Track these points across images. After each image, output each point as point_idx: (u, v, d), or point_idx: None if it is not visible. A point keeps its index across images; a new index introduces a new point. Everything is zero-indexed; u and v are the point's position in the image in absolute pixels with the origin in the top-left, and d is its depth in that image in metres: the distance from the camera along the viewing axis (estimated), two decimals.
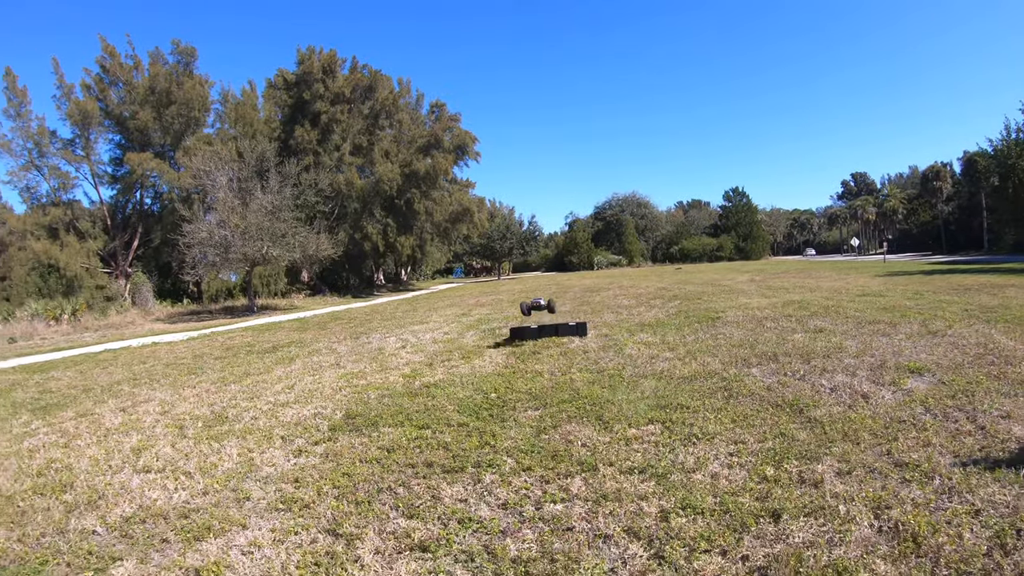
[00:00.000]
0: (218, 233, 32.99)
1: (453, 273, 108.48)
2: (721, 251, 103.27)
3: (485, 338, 14.04)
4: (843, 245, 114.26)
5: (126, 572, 4.15)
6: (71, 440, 7.80)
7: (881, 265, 42.10)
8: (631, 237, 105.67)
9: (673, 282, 30.77)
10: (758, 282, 26.22)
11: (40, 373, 14.15)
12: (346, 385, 9.63)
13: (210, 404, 9.18)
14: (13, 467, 6.83)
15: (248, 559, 4.19)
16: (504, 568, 3.78)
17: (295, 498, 5.09)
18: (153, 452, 6.87)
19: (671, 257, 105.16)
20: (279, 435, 7.06)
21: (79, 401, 10.47)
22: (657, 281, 32.99)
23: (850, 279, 25.20)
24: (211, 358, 14.51)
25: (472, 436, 6.40)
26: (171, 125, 45.57)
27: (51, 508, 5.41)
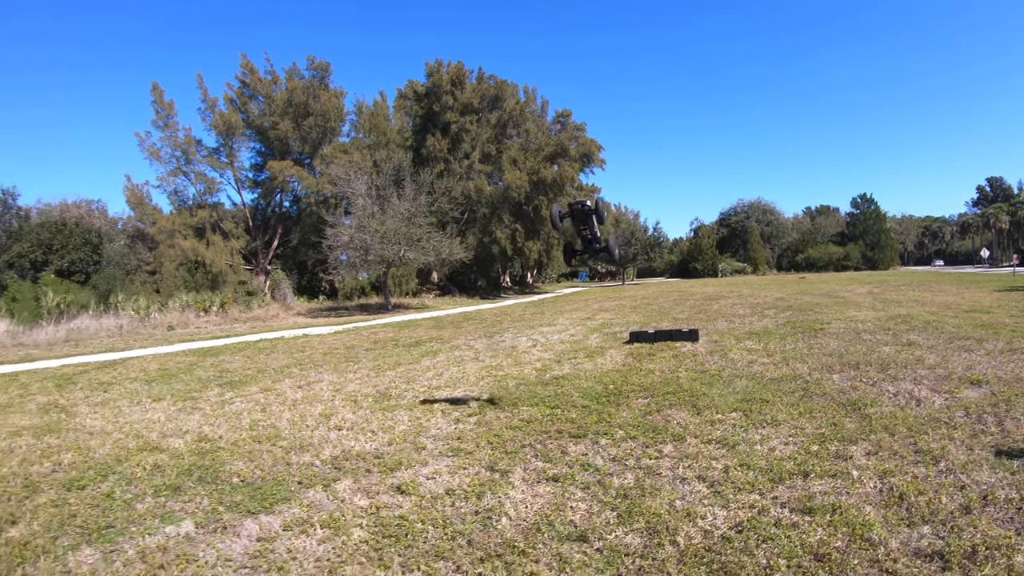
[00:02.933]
0: (358, 237, 35.65)
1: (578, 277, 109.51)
2: (847, 260, 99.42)
3: (607, 340, 15.72)
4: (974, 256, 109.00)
5: (346, 487, 6.06)
6: (266, 407, 9.98)
7: (1008, 278, 41.14)
8: (756, 244, 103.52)
9: (792, 292, 31.51)
10: (875, 294, 26.79)
11: (211, 356, 16.64)
12: (487, 375, 11.54)
13: (374, 385, 11.26)
14: (227, 424, 9.00)
15: (432, 482, 6.05)
16: (610, 493, 5.51)
17: (459, 449, 6.99)
18: (339, 417, 8.92)
19: (796, 266, 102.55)
20: (439, 409, 9.02)
21: (258, 379, 12.74)
22: (777, 291, 33.73)
23: (967, 293, 25.56)
24: (362, 349, 16.68)
25: (592, 415, 8.17)
26: (309, 135, 49.03)
27: (271, 450, 7.46)
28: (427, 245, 37.27)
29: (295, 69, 50.71)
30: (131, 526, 5.45)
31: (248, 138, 51.05)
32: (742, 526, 4.74)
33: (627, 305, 29.41)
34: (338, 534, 5.00)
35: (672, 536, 4.62)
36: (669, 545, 4.50)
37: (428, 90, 55.75)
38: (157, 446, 7.91)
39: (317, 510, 5.50)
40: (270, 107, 49.56)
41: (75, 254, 40.49)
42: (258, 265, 49.23)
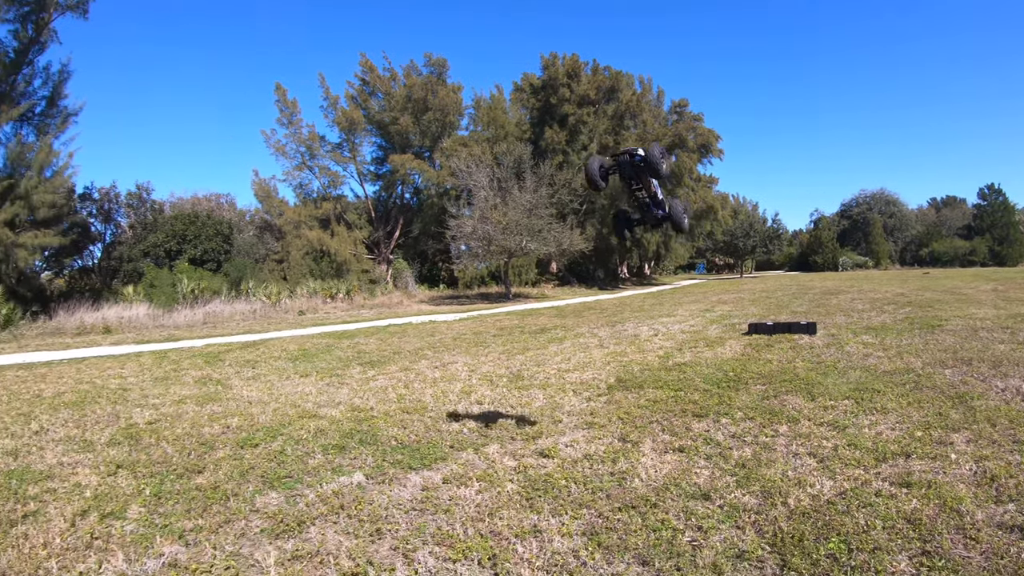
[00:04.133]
0: (481, 228, 37.00)
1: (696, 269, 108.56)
2: (973, 255, 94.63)
3: (726, 331, 16.32)
4: None
5: (494, 450, 7.00)
6: (408, 384, 11.11)
7: None
8: (878, 237, 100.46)
9: (913, 288, 31.17)
10: (999, 292, 26.34)
11: (346, 339, 18.02)
12: (612, 360, 12.37)
13: (507, 367, 12.26)
14: (374, 397, 10.13)
15: (571, 448, 6.94)
16: (729, 462, 6.28)
17: (593, 422, 7.86)
18: (477, 394, 9.93)
19: (920, 260, 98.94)
20: (570, 389, 9.94)
21: (395, 360, 13.93)
22: (898, 286, 33.33)
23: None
24: (489, 335, 17.75)
25: (713, 397, 8.91)
26: (428, 129, 50.73)
27: (421, 420, 8.49)
28: (548, 236, 38.29)
29: (412, 66, 52.53)
30: (306, 476, 6.53)
31: (369, 133, 53.22)
32: (845, 494, 5.42)
33: (745, 298, 29.73)
34: (492, 486, 5.93)
35: (783, 498, 5.35)
36: (780, 505, 5.23)
37: (544, 83, 56.66)
38: (315, 414, 9.09)
39: (471, 468, 6.46)
40: (390, 103, 51.47)
41: (207, 244, 43.19)
42: (380, 254, 51.21)
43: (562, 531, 4.93)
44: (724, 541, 4.70)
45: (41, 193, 31.49)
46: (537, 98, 57.14)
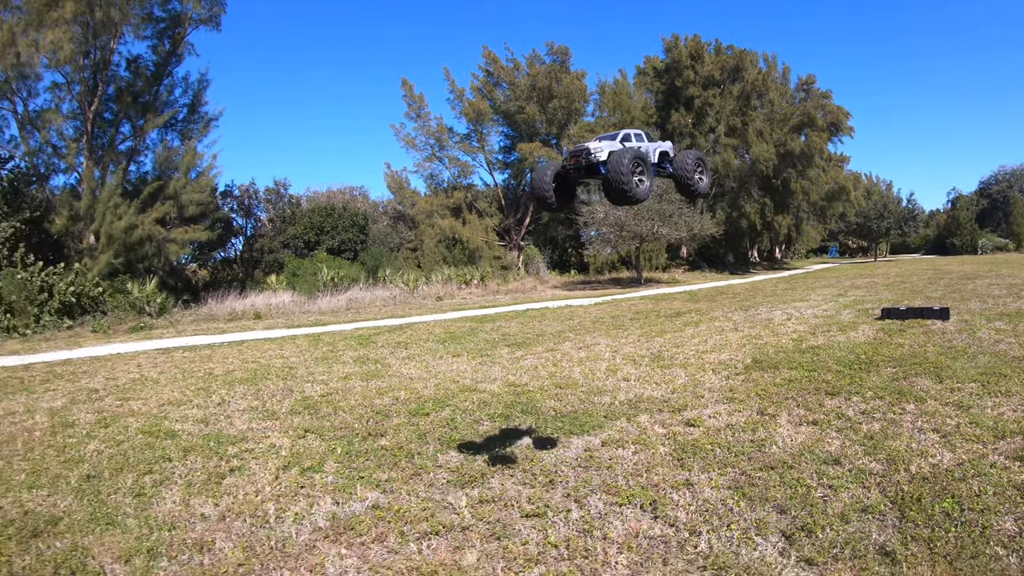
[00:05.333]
0: (612, 214, 37.63)
1: (828, 253, 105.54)
2: None
3: (859, 316, 16.66)
4: None
5: (644, 420, 7.96)
6: (556, 363, 12.17)
7: None
8: (1019, 218, 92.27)
9: None
10: None
11: (488, 323, 19.20)
12: (747, 343, 13.06)
13: (647, 348, 13.14)
14: (527, 374, 11.24)
15: (713, 419, 7.82)
16: (859, 434, 7.04)
17: (732, 398, 8.69)
18: (623, 372, 10.88)
19: None
20: (709, 368, 10.77)
21: (540, 342, 14.99)
22: None
23: None
24: (626, 319, 18.61)
25: (845, 378, 9.57)
26: (554, 116, 51.17)
27: (574, 394, 9.52)
28: (679, 221, 38.64)
29: (535, 55, 53.08)
30: (478, 440, 7.64)
31: (496, 123, 54.22)
32: (963, 464, 6.09)
33: (879, 282, 29.50)
34: (646, 448, 6.86)
35: (906, 465, 6.08)
36: (903, 471, 5.96)
37: (667, 65, 56.54)
38: (475, 388, 10.25)
39: (626, 433, 7.41)
40: (514, 93, 52.34)
41: (344, 234, 45.37)
42: (511, 241, 52.37)
43: (711, 484, 5.83)
44: (851, 497, 5.51)
45: (188, 192, 34.58)
46: (661, 81, 57.05)
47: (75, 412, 10.46)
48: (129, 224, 31.88)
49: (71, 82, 33.16)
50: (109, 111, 35.09)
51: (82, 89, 33.00)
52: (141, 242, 32.92)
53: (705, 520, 5.24)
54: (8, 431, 9.53)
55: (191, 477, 7.09)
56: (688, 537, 5.01)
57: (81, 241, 32.73)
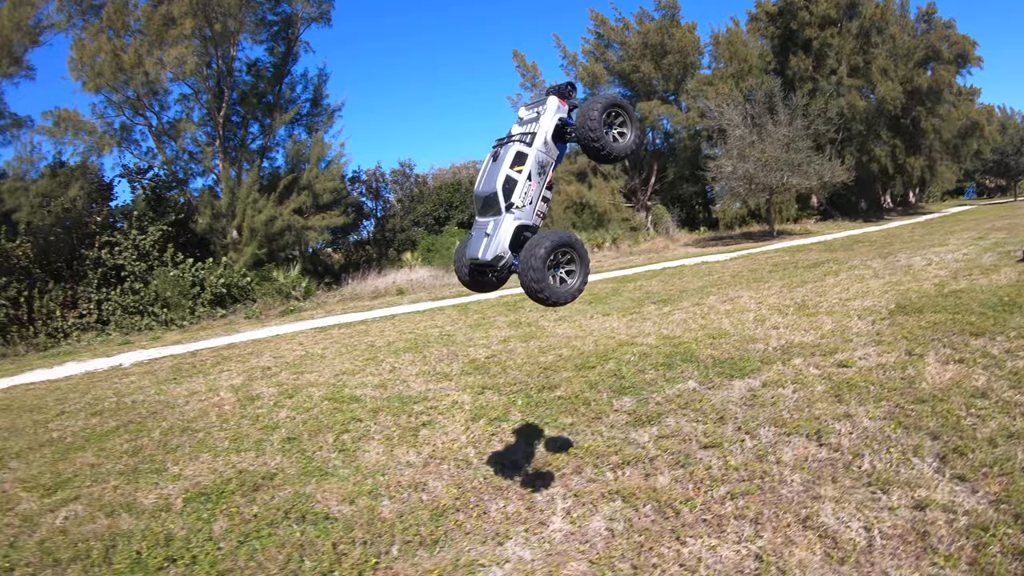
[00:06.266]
0: (740, 167, 37.39)
1: (964, 194, 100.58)
2: None
3: (1001, 259, 16.41)
4: None
5: (799, 363, 8.44)
6: (704, 315, 12.71)
7: None
8: None
9: None
10: None
11: (629, 283, 19.79)
12: (889, 289, 13.24)
13: (790, 298, 13.51)
14: (678, 327, 11.83)
15: (864, 360, 8.27)
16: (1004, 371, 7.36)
17: (880, 340, 9.08)
18: (771, 321, 11.33)
19: None
20: (855, 314, 11.09)
21: (683, 298, 15.50)
22: None
23: None
24: (765, 271, 18.88)
25: (989, 319, 9.75)
26: (670, 72, 50.50)
27: (727, 342, 10.01)
28: (808, 169, 38.00)
29: (643, 13, 52.20)
30: (646, 386, 8.34)
31: (612, 84, 53.73)
32: None
33: (1021, 223, 28.53)
34: (804, 387, 7.41)
35: None
36: None
37: (780, 8, 54.55)
38: (632, 342, 10.92)
39: (783, 375, 7.97)
40: (627, 52, 51.85)
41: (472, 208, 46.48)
42: (638, 202, 52.30)
43: (868, 416, 6.37)
44: (998, 425, 5.97)
45: (321, 182, 36.63)
46: (775, 25, 55.25)
47: (256, 387, 11.73)
48: (269, 216, 34.07)
49: (198, 92, 35.58)
50: (236, 114, 37.42)
51: (209, 97, 35.32)
52: (281, 232, 35.18)
53: (866, 445, 5.81)
54: (199, 407, 10.87)
55: (387, 433, 8.07)
56: (852, 459, 5.60)
57: (225, 236, 35.22)
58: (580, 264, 4.20)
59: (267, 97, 37.89)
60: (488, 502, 5.87)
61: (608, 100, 4.27)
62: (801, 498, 5.14)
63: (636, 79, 50.99)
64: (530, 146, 4.20)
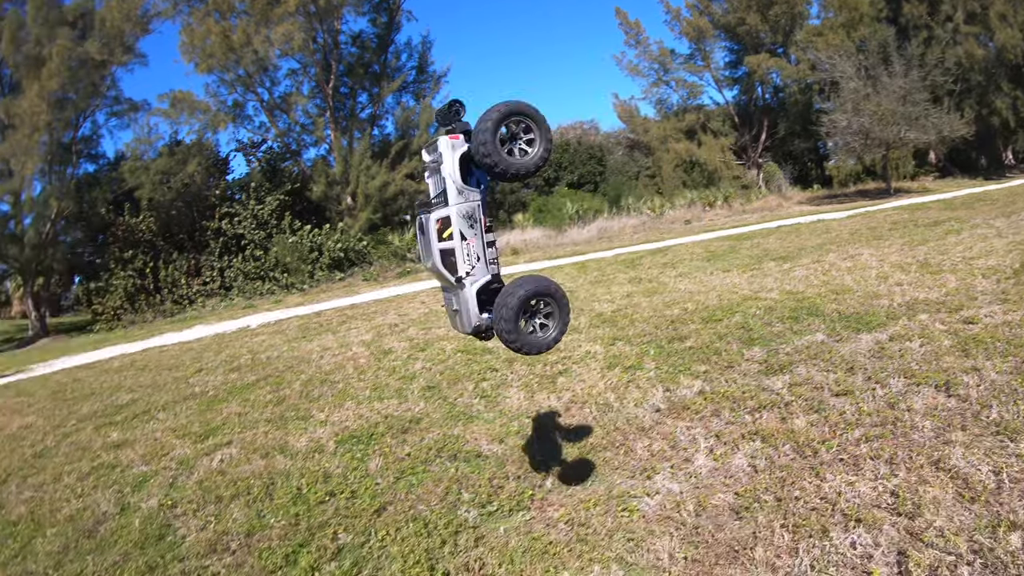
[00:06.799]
0: (856, 121, 36.41)
1: None
2: None
3: None
4: None
5: (924, 319, 8.52)
6: (825, 272, 12.80)
7: None
8: None
9: None
10: None
11: (745, 240, 19.86)
12: (1014, 249, 12.93)
13: (912, 256, 13.42)
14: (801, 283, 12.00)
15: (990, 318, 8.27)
16: None
17: (1006, 299, 9.02)
18: (893, 278, 11.34)
19: None
20: (979, 273, 11.00)
21: (802, 255, 15.54)
22: None
23: None
24: (884, 230, 18.63)
25: None
26: (777, 23, 48.87)
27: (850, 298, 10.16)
28: (926, 123, 36.73)
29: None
30: (775, 338, 8.66)
31: (718, 38, 52.84)
32: None
33: None
34: (931, 342, 7.58)
35: None
36: None
37: None
38: (756, 297, 11.20)
39: (909, 330, 8.12)
40: (732, 4, 50.37)
41: (582, 168, 46.77)
42: (749, 159, 51.39)
43: (995, 370, 6.52)
44: None
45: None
46: None
47: (387, 342, 12.56)
48: (382, 182, 35.41)
49: (306, 66, 37.43)
50: (344, 85, 38.98)
51: (317, 70, 36.91)
52: (394, 197, 36.57)
53: (993, 396, 5.99)
54: (334, 361, 11.78)
55: (525, 380, 8.67)
56: (980, 409, 5.81)
57: (339, 203, 36.76)
58: (558, 312, 4.07)
59: (373, 67, 39.16)
60: (633, 441, 6.36)
61: (502, 111, 3.84)
62: (932, 443, 5.41)
63: (742, 32, 49.75)
64: (447, 205, 3.93)
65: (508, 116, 3.79)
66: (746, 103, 53.78)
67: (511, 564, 4.86)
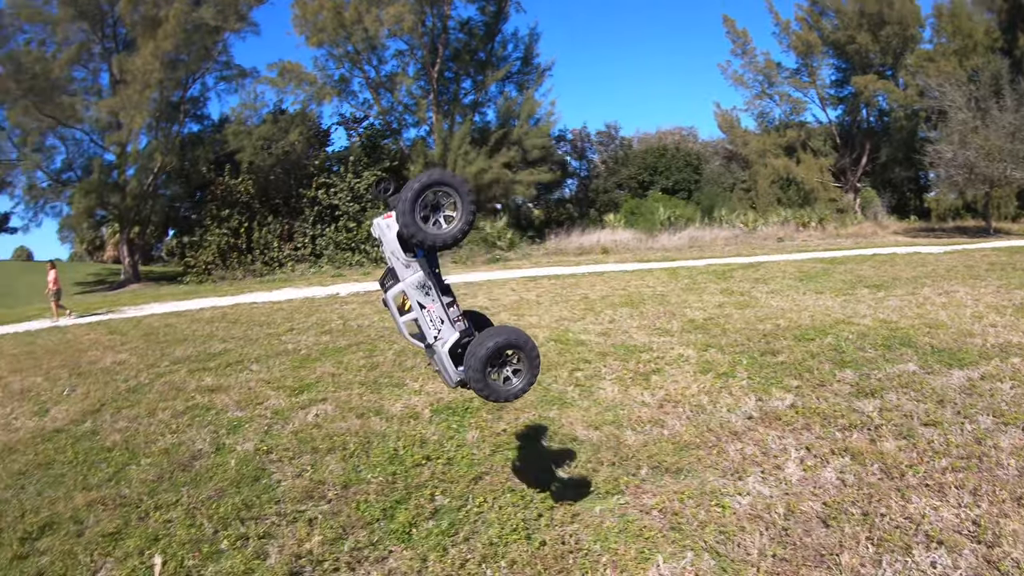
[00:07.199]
0: (961, 154, 35.43)
1: None
2: None
3: None
4: None
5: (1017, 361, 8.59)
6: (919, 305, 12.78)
7: None
8: None
9: None
10: None
11: (839, 265, 19.79)
12: None
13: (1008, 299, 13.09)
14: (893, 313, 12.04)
15: None
16: None
17: None
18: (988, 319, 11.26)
19: None
20: None
21: (897, 285, 15.46)
22: None
23: None
24: (981, 269, 18.23)
25: None
26: (888, 45, 47.57)
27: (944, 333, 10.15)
28: None
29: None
30: (866, 363, 8.84)
31: (826, 55, 51.68)
32: None
33: None
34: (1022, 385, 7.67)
35: None
36: None
37: None
38: (848, 321, 11.34)
39: (1001, 371, 8.20)
40: (842, 21, 49.17)
41: (678, 174, 46.63)
42: (847, 182, 50.22)
43: None
44: None
45: (530, 138, 38.60)
46: None
47: None
48: (479, 168, 36.04)
49: (413, 48, 38.49)
50: (449, 70, 39.84)
51: (424, 53, 37.84)
52: (490, 184, 37.18)
53: None
54: None
55: (618, 375, 9.10)
56: None
57: None
58: (527, 364, 4.25)
59: (479, 54, 39.83)
60: (726, 444, 6.71)
61: (420, 183, 3.92)
62: (1016, 480, 5.60)
63: (851, 51, 48.64)
64: (399, 280, 4.20)
65: (426, 188, 3.92)
66: (849, 124, 52.68)
67: (605, 541, 5.25)
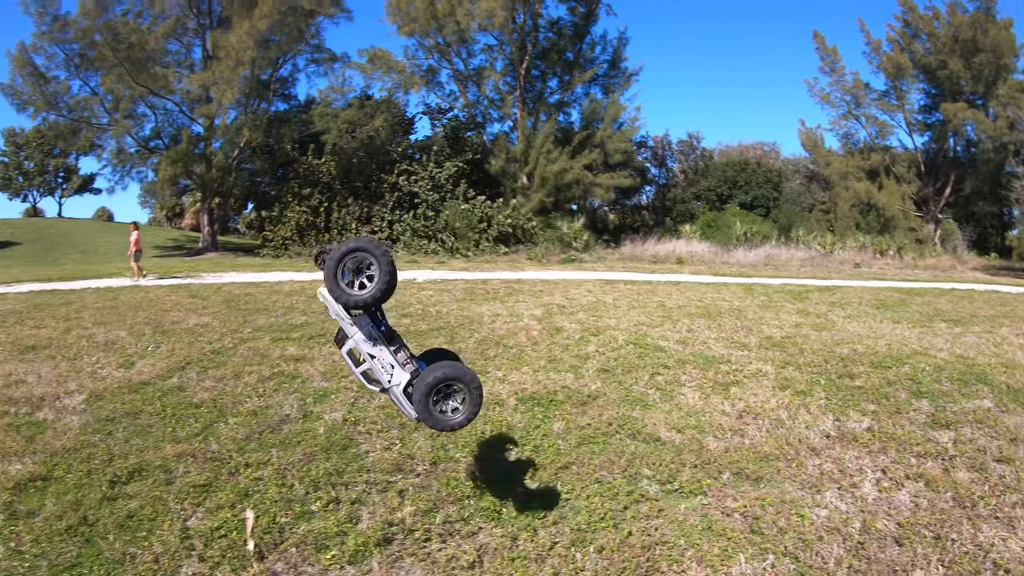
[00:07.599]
0: None
1: None
2: None
3: None
4: None
5: None
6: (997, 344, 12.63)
7: None
8: None
9: None
10: None
11: (916, 296, 19.49)
12: None
13: None
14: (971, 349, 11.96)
15: None
16: None
17: None
18: None
19: None
20: None
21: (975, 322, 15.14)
22: None
23: None
24: None
25: None
26: (980, 73, 46.25)
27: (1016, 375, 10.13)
28: None
29: (956, 3, 47.16)
30: (942, 395, 9.01)
31: (916, 79, 50.25)
32: None
33: None
34: None
35: None
36: None
37: None
38: (925, 352, 11.41)
39: None
40: (935, 45, 47.80)
41: (757, 190, 46.15)
42: (928, 212, 48.83)
43: None
44: None
45: (614, 142, 38.77)
46: None
47: (557, 321, 13.42)
48: (560, 168, 36.46)
49: (502, 44, 38.86)
50: (536, 68, 40.15)
51: (513, 49, 38.27)
52: (570, 184, 37.66)
53: None
54: (506, 328, 12.74)
55: (698, 383, 9.45)
56: None
57: (515, 180, 38.08)
58: (469, 397, 4.64)
59: (567, 54, 40.13)
60: (804, 458, 7.04)
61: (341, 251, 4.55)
62: None
63: (942, 76, 47.15)
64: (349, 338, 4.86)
65: (345, 256, 4.53)
66: (935, 152, 51.21)
67: (688, 538, 5.63)
